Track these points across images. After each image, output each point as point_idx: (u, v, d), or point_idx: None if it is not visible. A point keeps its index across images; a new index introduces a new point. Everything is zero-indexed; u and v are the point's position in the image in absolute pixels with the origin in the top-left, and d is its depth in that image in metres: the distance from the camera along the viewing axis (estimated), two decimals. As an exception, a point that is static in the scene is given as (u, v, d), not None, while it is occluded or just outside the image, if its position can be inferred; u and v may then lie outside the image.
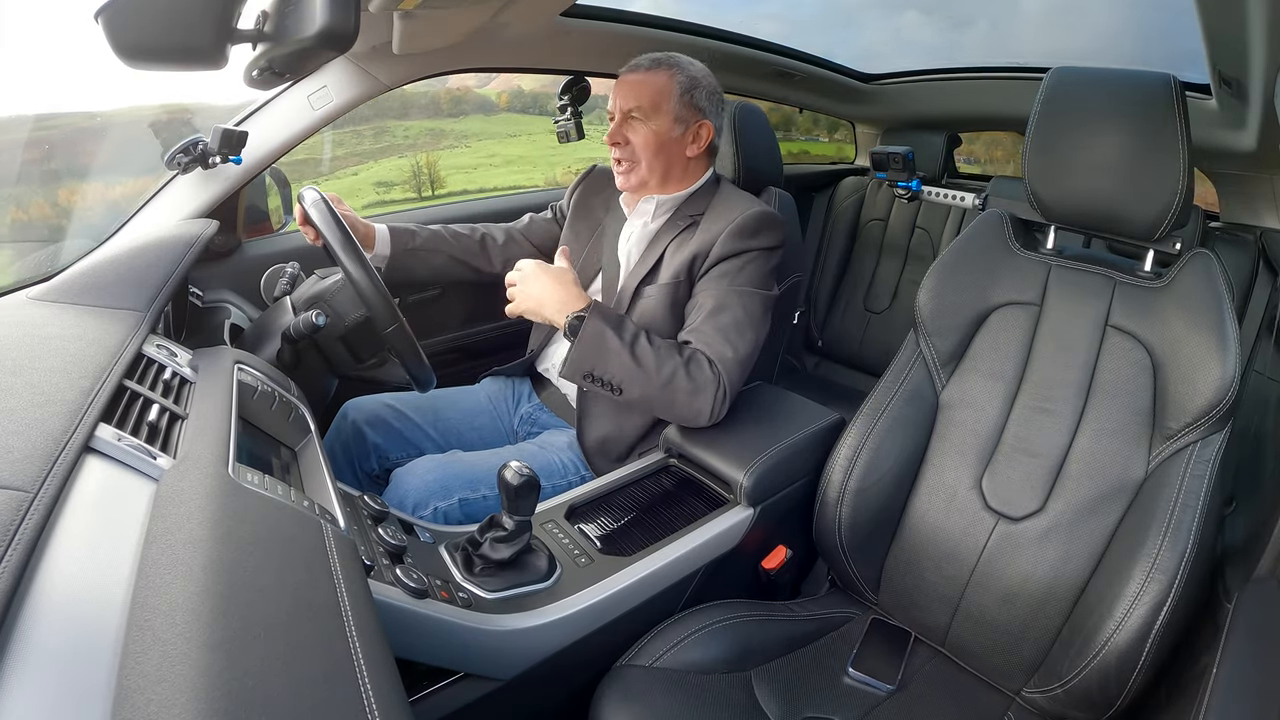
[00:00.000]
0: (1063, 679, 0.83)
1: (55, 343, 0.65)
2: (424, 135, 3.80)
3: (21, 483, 0.43)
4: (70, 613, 0.38)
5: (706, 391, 1.01)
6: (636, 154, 1.13)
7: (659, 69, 1.13)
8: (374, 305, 0.92)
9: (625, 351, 1.00)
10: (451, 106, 3.98)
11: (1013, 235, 1.07)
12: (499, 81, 4.04)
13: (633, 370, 1.00)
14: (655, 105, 1.11)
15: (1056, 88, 0.95)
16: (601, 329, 1.00)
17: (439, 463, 1.04)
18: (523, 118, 4.21)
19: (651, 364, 1.00)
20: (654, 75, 1.13)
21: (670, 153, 1.14)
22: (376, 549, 0.73)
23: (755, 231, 1.10)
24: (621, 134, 1.13)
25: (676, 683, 0.85)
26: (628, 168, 1.15)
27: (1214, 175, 1.82)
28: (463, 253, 1.32)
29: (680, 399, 1.01)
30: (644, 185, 1.16)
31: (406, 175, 3.64)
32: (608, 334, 1.00)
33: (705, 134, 1.16)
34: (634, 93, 1.12)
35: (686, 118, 1.13)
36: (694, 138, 1.15)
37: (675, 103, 1.12)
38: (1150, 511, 0.83)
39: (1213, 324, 0.85)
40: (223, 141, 1.13)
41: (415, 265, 1.26)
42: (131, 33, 0.61)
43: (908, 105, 2.31)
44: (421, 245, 1.26)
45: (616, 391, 1.01)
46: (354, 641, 0.45)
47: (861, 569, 1.04)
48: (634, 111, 1.12)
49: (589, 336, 1.00)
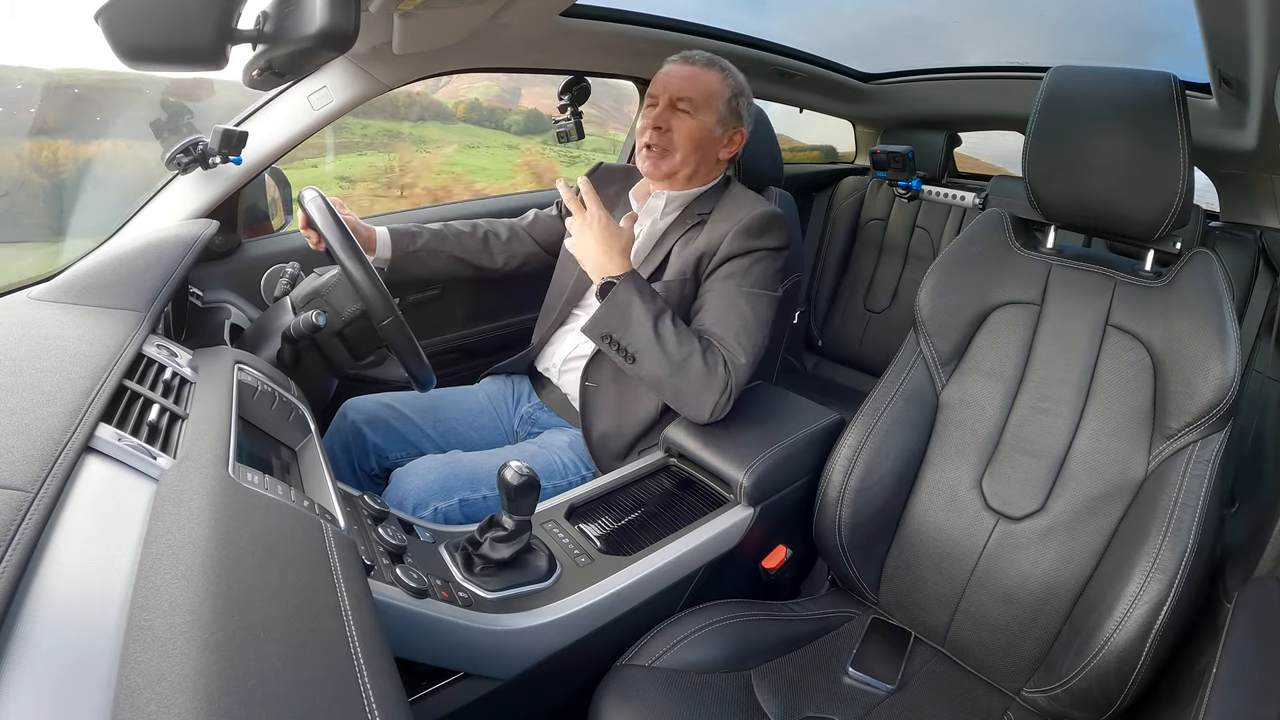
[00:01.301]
0: (1063, 678, 0.83)
1: (55, 343, 0.65)
2: (381, 135, 3.78)
3: (21, 483, 0.43)
4: (70, 613, 0.38)
5: (715, 387, 1.01)
6: (675, 143, 1.13)
7: (713, 68, 1.15)
8: (369, 299, 0.92)
9: (648, 323, 1.00)
10: (407, 110, 3.95)
11: (1013, 235, 1.07)
12: (449, 89, 4.03)
13: (651, 344, 1.00)
14: (705, 101, 1.13)
15: (1056, 87, 0.95)
16: (630, 297, 1.01)
17: (439, 463, 1.04)
18: (479, 130, 4.19)
19: (672, 343, 1.00)
20: (707, 72, 1.14)
21: (706, 150, 1.15)
22: (376, 549, 0.73)
23: (762, 231, 1.10)
24: (665, 119, 1.13)
25: (676, 682, 0.85)
26: (661, 154, 1.14)
27: (1214, 175, 1.81)
28: (465, 251, 1.31)
29: (690, 386, 1.02)
30: (673, 175, 1.16)
31: (367, 172, 3.61)
32: (635, 302, 1.00)
33: (739, 140, 1.19)
34: (686, 84, 1.13)
35: (728, 121, 1.16)
36: (729, 141, 1.17)
37: (723, 104, 1.14)
38: (1150, 511, 0.83)
39: (1213, 323, 0.85)
40: (223, 141, 1.13)
41: (417, 266, 1.26)
42: (131, 33, 0.61)
43: (908, 105, 2.31)
44: (423, 246, 1.26)
45: (630, 360, 1.02)
46: (354, 641, 0.46)
47: (861, 569, 1.04)
48: (682, 103, 1.12)
49: (617, 301, 1.01)
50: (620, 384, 1.15)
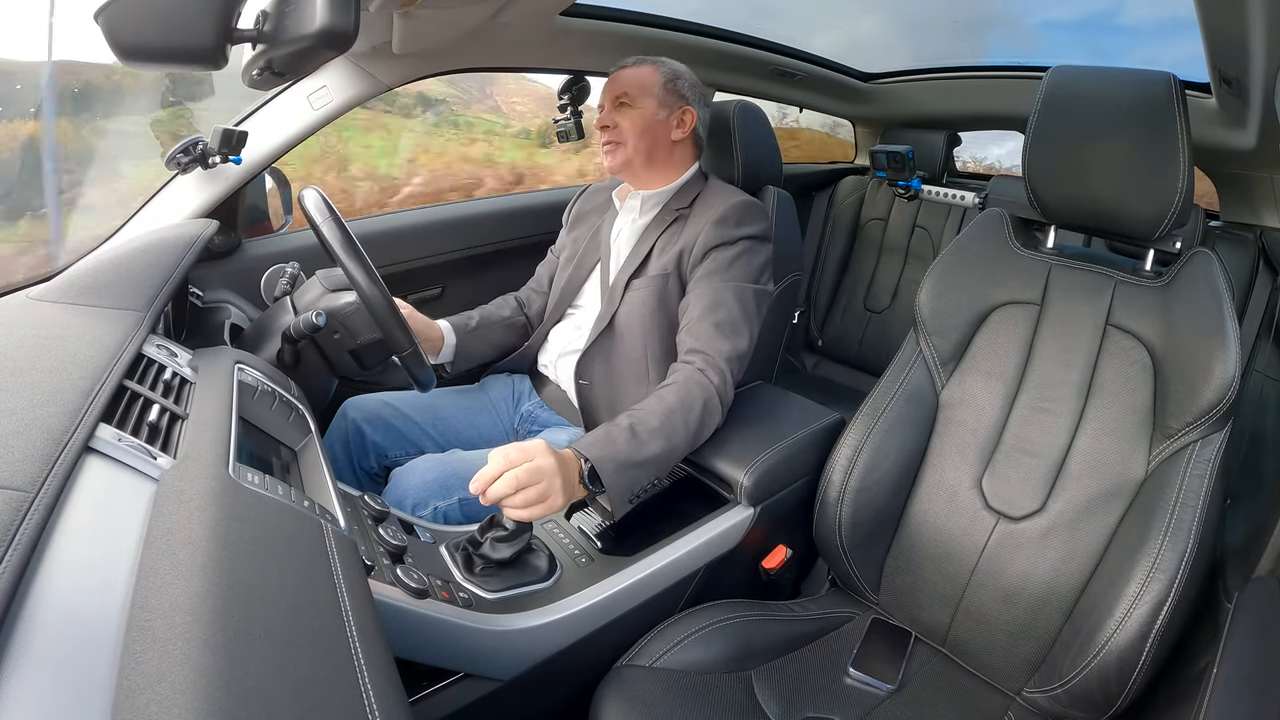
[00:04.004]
0: (1063, 679, 0.83)
1: (55, 343, 0.65)
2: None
3: (21, 483, 0.43)
4: (70, 613, 0.38)
5: (711, 401, 1.00)
6: (624, 135, 1.18)
7: (644, 63, 1.21)
8: (390, 332, 0.92)
9: (637, 444, 0.90)
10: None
11: (1013, 234, 1.07)
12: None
13: (661, 454, 0.93)
14: (641, 91, 1.18)
15: (1056, 87, 0.95)
16: (607, 453, 0.88)
17: (438, 462, 1.04)
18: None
19: (664, 424, 0.94)
20: (639, 68, 1.20)
21: (655, 134, 1.19)
22: (377, 549, 0.73)
23: (739, 221, 1.12)
24: (610, 118, 1.19)
25: (677, 683, 0.85)
26: (613, 148, 1.19)
27: (1214, 174, 1.81)
28: (512, 316, 1.35)
29: (708, 424, 1.00)
30: (629, 164, 1.19)
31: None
32: (617, 453, 0.89)
33: (689, 119, 1.21)
34: (621, 82, 1.19)
35: (671, 103, 1.19)
36: (679, 122, 1.20)
37: (660, 89, 1.18)
38: (1150, 511, 0.83)
39: (1213, 323, 0.85)
40: (222, 141, 1.13)
41: (477, 345, 1.29)
42: (131, 33, 0.61)
43: (907, 105, 2.31)
44: (479, 324, 1.30)
45: (666, 474, 0.99)
46: (354, 641, 0.45)
47: (862, 569, 1.04)
48: (622, 97, 1.18)
49: (608, 470, 0.87)
50: (612, 381, 1.17)
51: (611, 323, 1.17)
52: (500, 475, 0.77)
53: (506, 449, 0.80)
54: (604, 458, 0.87)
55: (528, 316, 1.37)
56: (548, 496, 0.79)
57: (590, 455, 0.86)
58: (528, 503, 0.78)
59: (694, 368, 1.02)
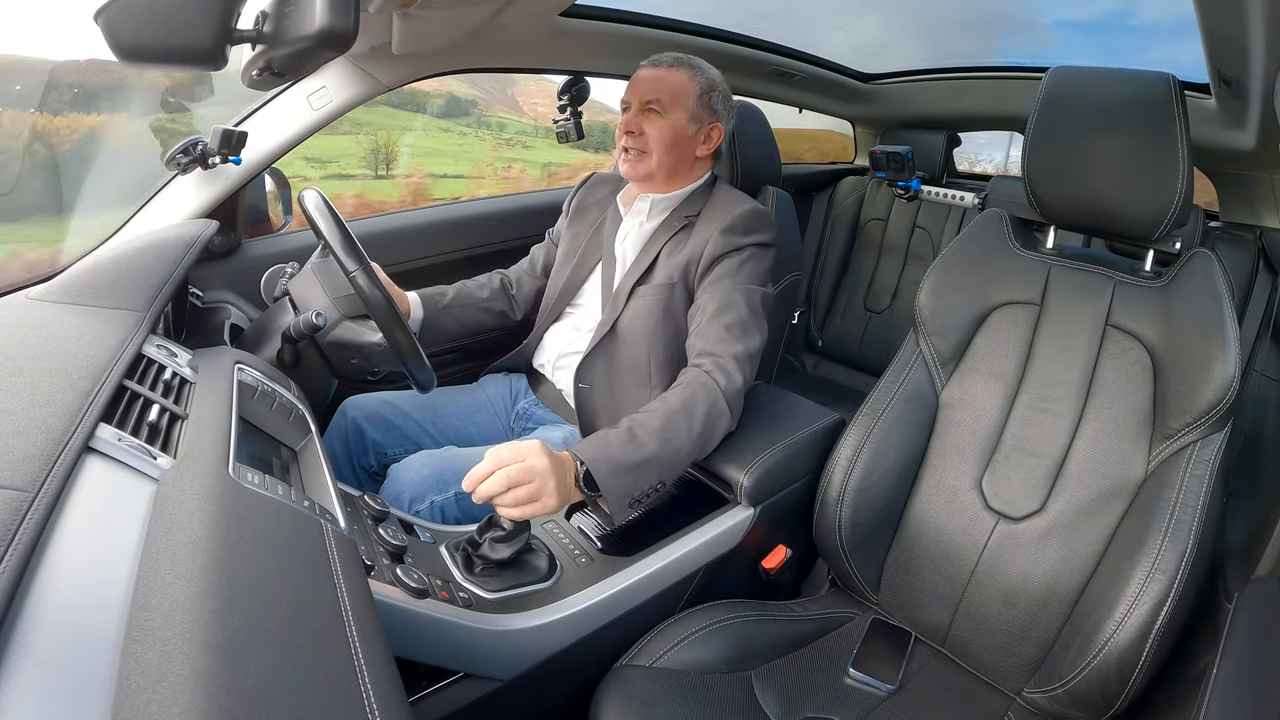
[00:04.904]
0: (1063, 679, 0.83)
1: (55, 343, 0.65)
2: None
3: (21, 483, 0.43)
4: (70, 613, 0.38)
5: (718, 404, 0.98)
6: (650, 145, 1.14)
7: (680, 67, 1.15)
8: (392, 335, 0.92)
9: (634, 446, 0.88)
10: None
11: (1012, 235, 1.07)
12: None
13: (660, 456, 0.90)
14: (675, 101, 1.13)
15: (1055, 87, 0.95)
16: (601, 454, 0.87)
17: (435, 457, 1.04)
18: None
19: (664, 425, 0.91)
20: (675, 72, 1.15)
21: (682, 149, 1.16)
22: (377, 549, 0.73)
23: (746, 229, 1.11)
24: (637, 124, 1.14)
25: (677, 683, 0.85)
26: (637, 157, 1.15)
27: (1214, 175, 1.81)
28: (489, 300, 1.33)
29: (716, 427, 0.97)
30: (651, 177, 1.17)
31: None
32: (612, 454, 0.87)
33: (716, 136, 1.18)
34: (655, 86, 1.13)
35: (701, 118, 1.16)
36: (705, 138, 1.17)
37: (694, 102, 1.14)
38: (1150, 511, 0.83)
39: (1213, 323, 0.85)
40: (222, 141, 1.13)
41: (448, 322, 1.27)
42: (131, 33, 0.61)
43: (907, 105, 2.31)
44: (452, 302, 1.27)
45: (668, 481, 0.94)
46: (354, 641, 0.46)
47: (862, 569, 1.04)
48: (653, 104, 1.13)
49: (601, 472, 0.86)
50: (614, 385, 1.16)
51: (614, 328, 1.15)
52: (492, 473, 0.77)
53: (500, 448, 0.80)
54: (599, 459, 0.86)
55: (513, 298, 1.34)
56: (539, 497, 0.79)
57: (585, 457, 0.85)
58: (518, 501, 0.78)
59: (701, 370, 1.01)
